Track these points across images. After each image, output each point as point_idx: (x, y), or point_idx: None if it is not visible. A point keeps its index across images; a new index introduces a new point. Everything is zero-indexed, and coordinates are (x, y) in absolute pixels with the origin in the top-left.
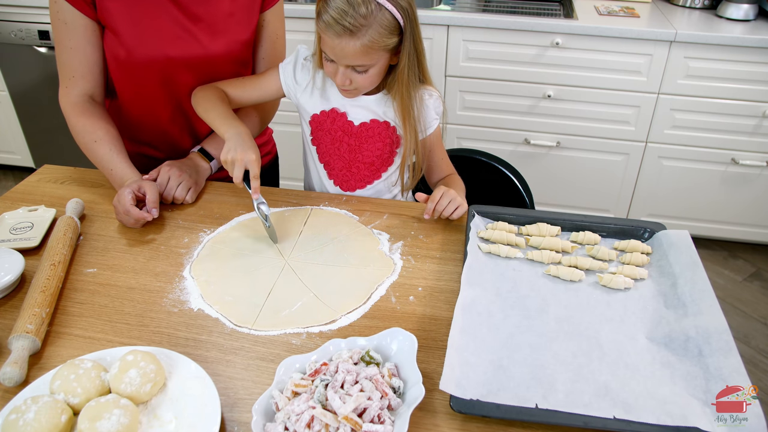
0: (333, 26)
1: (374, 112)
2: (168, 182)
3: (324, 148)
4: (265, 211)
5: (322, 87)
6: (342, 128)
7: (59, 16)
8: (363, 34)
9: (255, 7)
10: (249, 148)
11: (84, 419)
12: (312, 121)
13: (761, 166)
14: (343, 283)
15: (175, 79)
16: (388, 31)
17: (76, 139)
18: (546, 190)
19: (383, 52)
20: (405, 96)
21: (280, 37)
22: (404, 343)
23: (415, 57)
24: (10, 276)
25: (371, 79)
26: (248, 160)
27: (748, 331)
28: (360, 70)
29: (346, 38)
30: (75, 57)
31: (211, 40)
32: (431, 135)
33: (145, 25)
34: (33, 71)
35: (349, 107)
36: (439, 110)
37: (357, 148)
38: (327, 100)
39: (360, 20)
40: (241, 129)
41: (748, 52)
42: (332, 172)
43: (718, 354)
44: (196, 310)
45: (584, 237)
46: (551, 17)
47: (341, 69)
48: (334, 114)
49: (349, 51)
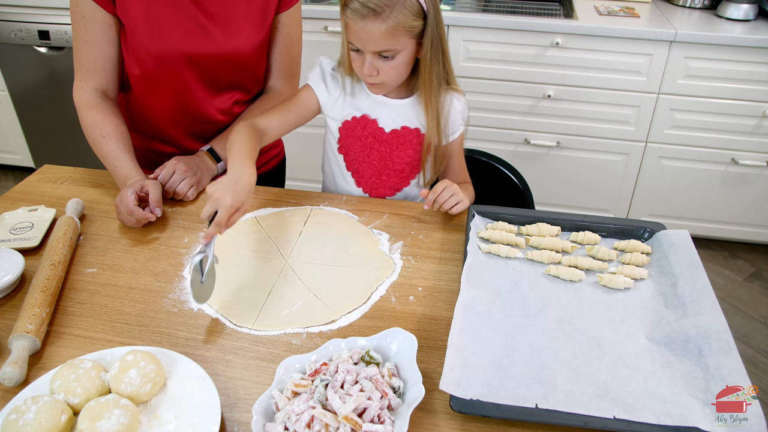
0: (359, 9)
1: (405, 117)
2: (172, 176)
3: (353, 156)
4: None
5: (352, 94)
6: (373, 135)
7: (78, 9)
8: (387, 15)
9: (270, 9)
10: (233, 192)
11: (84, 419)
12: (342, 128)
13: (761, 166)
14: (343, 283)
15: (187, 75)
16: (412, 13)
17: (85, 133)
18: (546, 190)
19: (408, 38)
20: (428, 84)
21: (296, 40)
22: (404, 343)
23: (439, 44)
24: (10, 276)
25: (397, 70)
26: (222, 202)
27: (748, 331)
28: (386, 56)
29: (371, 20)
30: (90, 51)
31: (225, 38)
32: (454, 141)
33: (162, 20)
34: (33, 71)
35: (380, 113)
36: (465, 115)
37: (388, 155)
38: (357, 107)
39: (384, 0)
40: (244, 172)
41: (748, 52)
42: (361, 180)
43: (718, 354)
44: (196, 310)
45: (584, 237)
46: (551, 17)
47: (368, 57)
48: (365, 121)
49: (375, 33)
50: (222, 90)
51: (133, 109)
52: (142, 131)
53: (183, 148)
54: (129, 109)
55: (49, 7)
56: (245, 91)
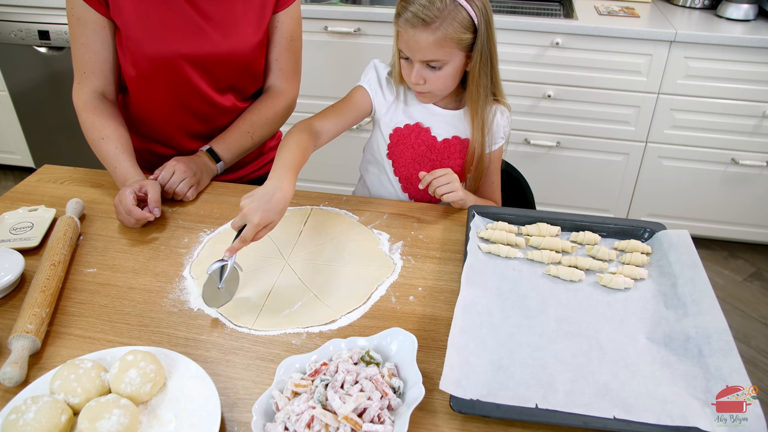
0: (410, 19)
1: (456, 128)
2: (172, 176)
3: (403, 162)
4: (222, 269)
5: (406, 102)
6: (426, 143)
7: (73, 12)
8: (437, 26)
9: (267, 8)
10: (264, 210)
11: (84, 419)
12: (393, 134)
13: (761, 166)
14: (343, 283)
15: (184, 76)
16: (462, 26)
17: (85, 135)
18: (546, 190)
19: (456, 49)
20: (475, 97)
21: (296, 39)
22: (404, 343)
23: (488, 59)
24: (10, 276)
25: (445, 81)
26: (250, 219)
27: (748, 331)
28: (434, 65)
29: (421, 29)
30: (86, 53)
31: (222, 38)
32: (491, 155)
33: (157, 21)
34: (33, 71)
35: (432, 123)
36: (507, 131)
37: (439, 163)
38: (411, 115)
39: (435, 12)
40: (280, 187)
41: (748, 52)
42: (408, 187)
43: (718, 354)
44: (196, 310)
45: (584, 237)
46: (551, 17)
47: (416, 66)
48: (419, 128)
49: (423, 43)
50: (220, 90)
51: (131, 111)
52: (140, 133)
53: (181, 149)
54: (127, 111)
55: (49, 7)
56: (243, 91)
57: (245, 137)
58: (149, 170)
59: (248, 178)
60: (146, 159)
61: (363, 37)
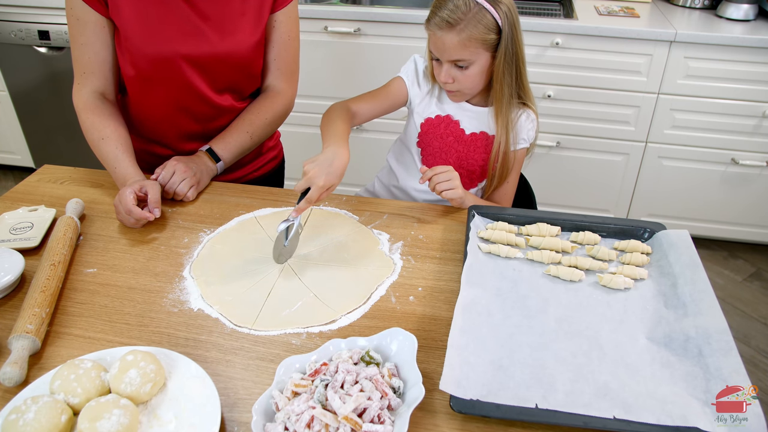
0: (438, 23)
1: (484, 124)
2: (172, 176)
3: (431, 151)
4: (289, 229)
5: (440, 97)
6: (454, 134)
7: (72, 12)
8: (462, 27)
9: (265, 8)
10: (327, 174)
11: (84, 419)
12: (425, 123)
13: (761, 166)
14: (343, 283)
15: (183, 76)
16: (486, 27)
17: (85, 135)
18: (546, 190)
19: (482, 49)
20: (498, 95)
21: (293, 38)
22: (404, 343)
23: (513, 59)
24: (10, 276)
25: (472, 79)
26: (316, 182)
27: (748, 331)
28: (461, 65)
29: (447, 31)
30: (86, 54)
31: (220, 38)
32: (515, 153)
33: (155, 21)
34: (33, 71)
35: (462, 116)
36: (530, 135)
37: (465, 156)
38: (443, 108)
39: (460, 15)
40: (338, 153)
41: (748, 52)
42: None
43: (718, 354)
44: (196, 310)
45: (584, 237)
46: (551, 17)
47: (445, 66)
48: (449, 120)
49: (449, 44)
50: (218, 90)
51: (130, 112)
52: (139, 133)
53: (180, 149)
54: (125, 112)
55: (49, 7)
56: (241, 91)
57: (244, 137)
58: (148, 171)
59: (248, 178)
60: (145, 160)
61: (363, 37)
